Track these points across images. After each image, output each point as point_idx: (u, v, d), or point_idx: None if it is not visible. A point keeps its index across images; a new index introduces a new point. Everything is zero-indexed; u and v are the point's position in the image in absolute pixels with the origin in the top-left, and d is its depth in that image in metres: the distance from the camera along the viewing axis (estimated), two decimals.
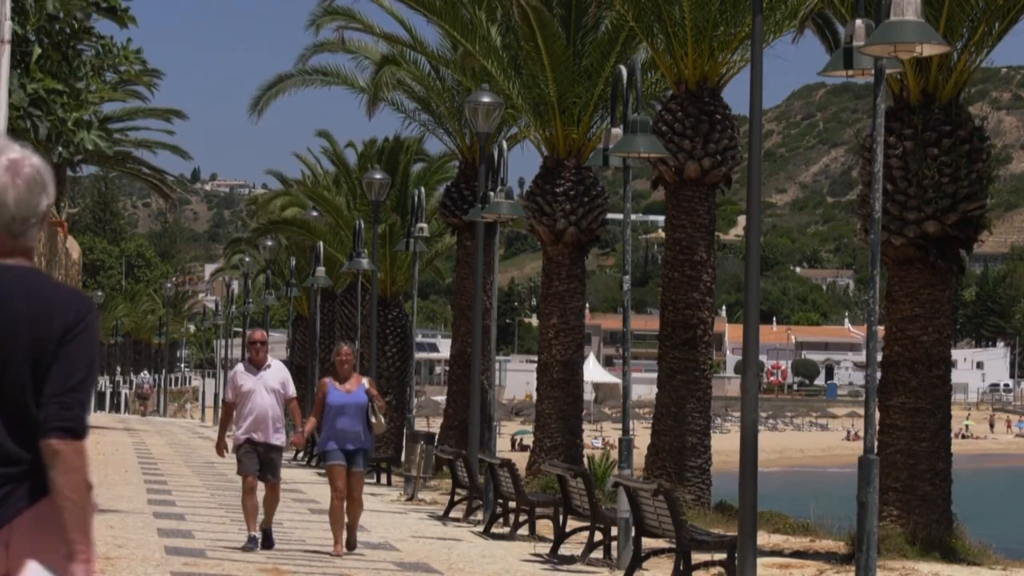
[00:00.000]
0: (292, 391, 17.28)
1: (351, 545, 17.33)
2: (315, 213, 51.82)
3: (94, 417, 53.11)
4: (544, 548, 19.61)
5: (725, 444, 58.63)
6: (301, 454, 39.77)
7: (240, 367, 17.38)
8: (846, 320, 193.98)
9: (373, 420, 17.10)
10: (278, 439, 17.05)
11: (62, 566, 4.54)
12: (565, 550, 19.16)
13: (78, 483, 4.58)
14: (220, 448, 17.66)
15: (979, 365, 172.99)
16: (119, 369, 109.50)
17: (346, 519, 17.24)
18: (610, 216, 35.58)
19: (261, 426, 16.84)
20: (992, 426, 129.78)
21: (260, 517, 16.99)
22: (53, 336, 4.59)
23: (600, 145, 19.39)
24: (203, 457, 36.90)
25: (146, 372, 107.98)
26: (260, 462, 16.85)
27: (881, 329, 17.39)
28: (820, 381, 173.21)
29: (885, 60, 13.45)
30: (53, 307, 4.62)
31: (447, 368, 41.62)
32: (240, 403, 16.93)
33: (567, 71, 31.09)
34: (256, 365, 17.07)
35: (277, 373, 17.14)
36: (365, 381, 17.33)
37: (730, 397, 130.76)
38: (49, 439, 4.56)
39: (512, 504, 22.00)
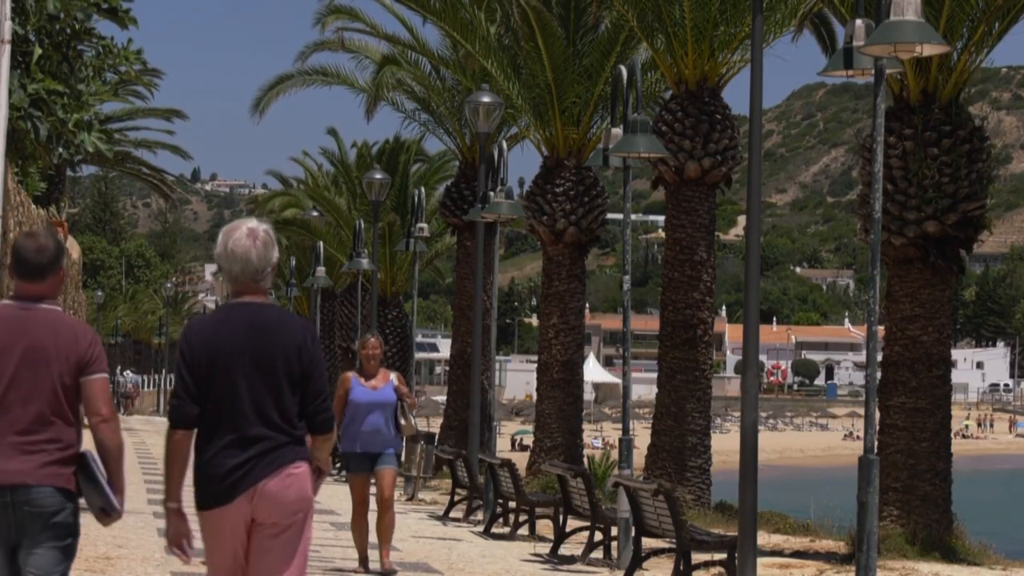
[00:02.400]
0: None
1: (390, 572, 15.29)
2: (315, 213, 51.84)
3: None
4: (544, 548, 19.61)
5: (725, 444, 58.60)
6: None
7: None
8: (846, 320, 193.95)
9: (403, 422, 15.50)
10: None
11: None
12: (565, 550, 19.16)
13: (328, 452, 7.13)
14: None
15: (979, 365, 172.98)
16: (119, 369, 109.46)
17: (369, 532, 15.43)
18: (610, 216, 35.59)
19: None
20: (981, 424, 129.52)
21: None
22: (294, 345, 6.93)
23: (600, 145, 19.39)
24: None
25: (130, 371, 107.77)
26: None
27: (881, 329, 17.40)
28: (820, 381, 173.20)
29: (885, 60, 13.45)
30: (294, 328, 7.00)
31: (447, 368, 41.63)
32: None
33: (567, 71, 31.09)
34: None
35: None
36: (393, 377, 15.62)
37: (730, 397, 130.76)
38: (318, 434, 7.04)
39: (512, 504, 22.00)
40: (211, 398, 6.89)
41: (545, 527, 21.97)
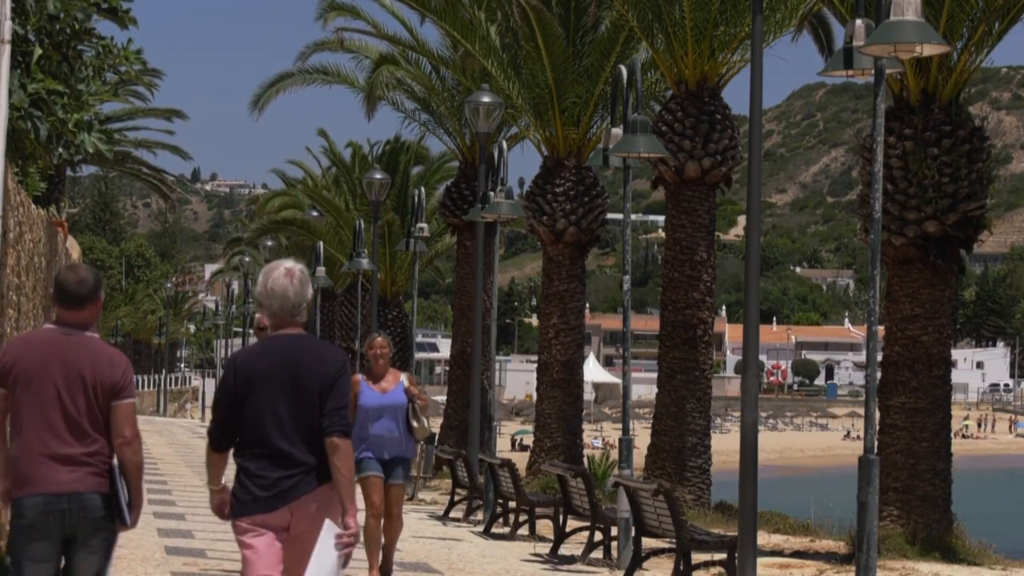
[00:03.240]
0: None
1: (387, 571, 14.68)
2: (315, 213, 51.85)
3: None
4: (544, 548, 19.62)
5: (725, 444, 58.59)
6: None
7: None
8: (846, 320, 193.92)
9: (415, 424, 14.59)
10: None
11: (338, 520, 7.71)
12: (565, 550, 19.16)
13: (350, 466, 7.76)
14: None
15: (979, 365, 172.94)
16: None
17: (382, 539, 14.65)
18: (610, 216, 35.59)
19: None
20: (981, 424, 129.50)
21: None
22: (329, 375, 7.81)
23: (600, 145, 19.40)
24: (203, 457, 36.86)
25: None
26: None
27: (881, 329, 17.40)
28: (820, 381, 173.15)
29: (885, 60, 13.45)
30: (329, 357, 7.89)
31: (447, 368, 41.64)
32: None
33: (567, 71, 31.09)
34: None
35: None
36: (404, 377, 14.71)
37: (730, 397, 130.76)
38: (332, 437, 7.74)
39: (512, 504, 22.01)
40: (256, 418, 7.90)
41: (545, 527, 21.97)
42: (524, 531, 21.46)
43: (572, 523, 19.58)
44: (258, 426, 7.85)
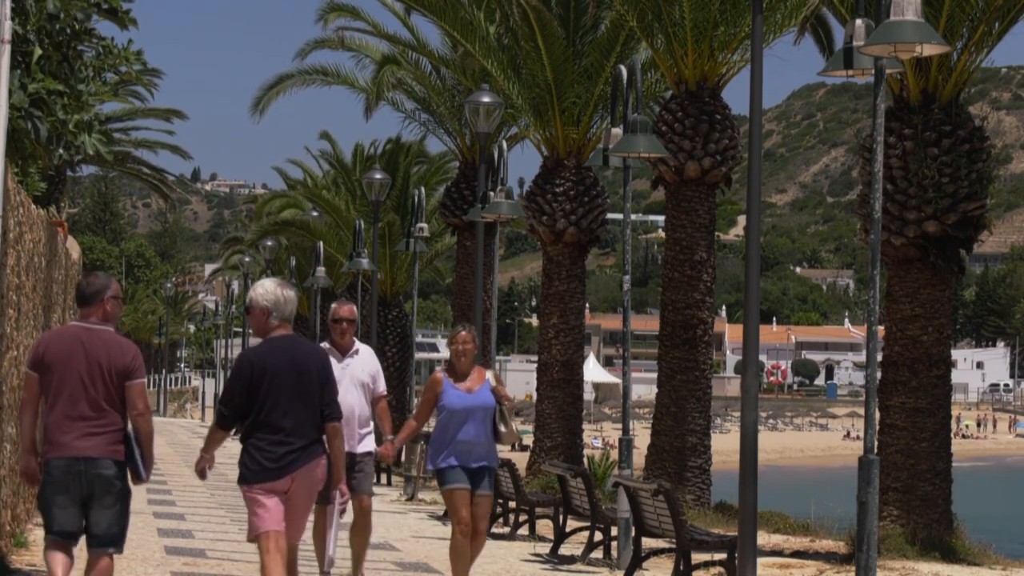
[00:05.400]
0: (382, 386, 13.35)
1: None
2: (315, 213, 51.86)
3: None
4: (544, 548, 19.61)
5: (725, 444, 58.62)
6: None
7: None
8: (846, 320, 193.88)
9: (502, 429, 13.04)
10: (366, 445, 13.12)
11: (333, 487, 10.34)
12: (565, 550, 19.16)
13: (342, 445, 10.17)
14: None
15: (979, 365, 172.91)
16: None
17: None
18: (610, 216, 35.58)
19: (346, 431, 11.95)
20: (981, 424, 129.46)
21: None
22: (324, 370, 10.02)
23: (600, 145, 19.39)
24: None
25: None
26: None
27: (881, 329, 17.40)
28: (820, 381, 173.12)
29: (885, 60, 13.45)
30: (319, 354, 10.10)
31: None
32: None
33: (567, 71, 31.09)
34: (341, 350, 13.08)
35: (367, 362, 13.20)
36: (490, 376, 13.10)
37: (730, 397, 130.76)
38: (331, 423, 10.03)
39: (512, 504, 22.01)
40: (266, 404, 9.94)
41: (545, 527, 21.97)
42: (524, 531, 21.47)
43: (572, 523, 19.59)
44: (269, 411, 9.91)
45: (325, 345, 12.92)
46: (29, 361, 9.72)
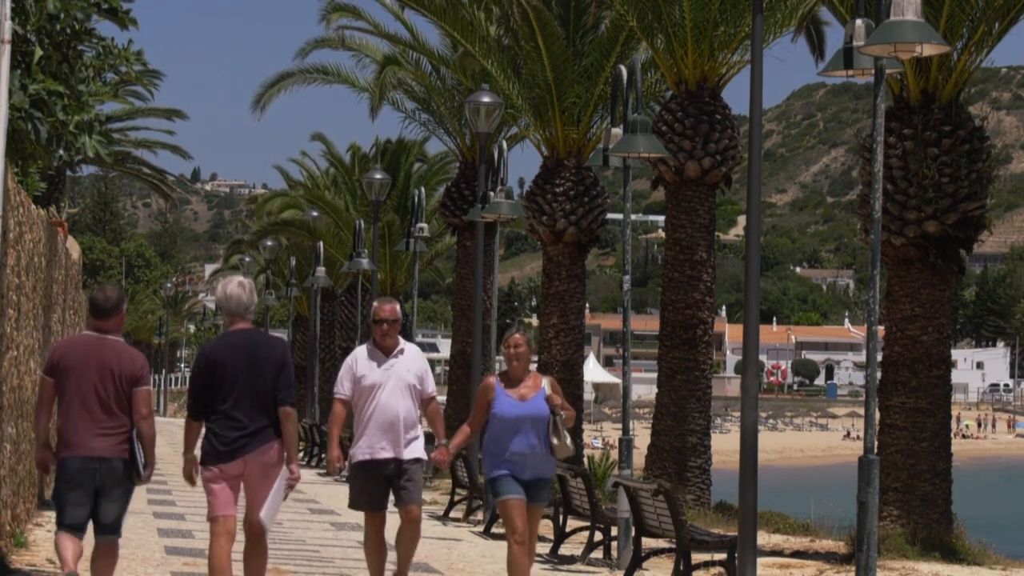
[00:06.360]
0: (431, 387, 12.55)
1: None
2: (315, 214, 51.88)
3: None
4: (544, 548, 19.61)
5: (725, 444, 58.63)
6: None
7: (361, 351, 12.42)
8: (846, 320, 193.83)
9: (555, 441, 12.18)
10: (413, 451, 12.37)
11: (285, 467, 10.77)
12: (565, 550, 19.16)
13: (294, 429, 10.77)
14: (334, 462, 12.51)
15: (979, 365, 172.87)
16: None
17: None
18: (610, 216, 35.59)
19: (390, 436, 12.18)
20: (981, 424, 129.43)
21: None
22: (278, 360, 10.70)
23: (600, 145, 19.40)
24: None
25: None
26: (389, 488, 12.33)
27: (881, 329, 17.40)
28: (820, 381, 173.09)
29: (885, 60, 13.46)
30: (276, 346, 10.80)
31: (447, 368, 41.66)
32: (359, 404, 12.27)
33: (567, 71, 31.09)
34: (384, 352, 12.32)
35: (413, 362, 12.38)
36: (545, 383, 12.33)
37: (730, 397, 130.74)
38: (284, 407, 10.64)
39: None
40: (220, 393, 10.65)
41: (545, 527, 21.96)
42: None
43: (572, 523, 19.58)
44: (223, 399, 10.65)
45: (367, 346, 12.35)
46: (44, 367, 10.59)
